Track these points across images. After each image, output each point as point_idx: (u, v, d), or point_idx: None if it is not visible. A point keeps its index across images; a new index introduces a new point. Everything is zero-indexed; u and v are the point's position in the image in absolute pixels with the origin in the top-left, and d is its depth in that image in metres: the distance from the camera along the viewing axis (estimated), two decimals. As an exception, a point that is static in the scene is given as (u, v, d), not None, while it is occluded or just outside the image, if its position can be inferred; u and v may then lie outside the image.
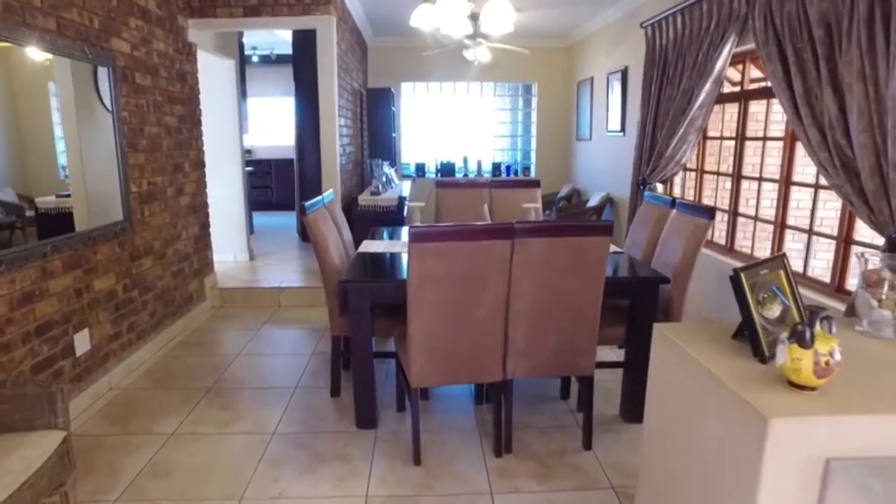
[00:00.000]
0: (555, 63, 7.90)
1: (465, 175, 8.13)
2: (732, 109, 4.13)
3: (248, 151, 9.64)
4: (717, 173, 4.33)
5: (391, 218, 4.80)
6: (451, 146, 8.22)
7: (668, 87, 4.50)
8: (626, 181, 5.73)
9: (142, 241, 3.50)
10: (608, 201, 6.16)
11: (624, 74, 5.72)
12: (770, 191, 3.70)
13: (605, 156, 6.46)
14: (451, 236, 2.12)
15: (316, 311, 4.50)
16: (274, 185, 9.41)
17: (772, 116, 3.70)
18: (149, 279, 3.59)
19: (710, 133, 4.46)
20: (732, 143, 4.07)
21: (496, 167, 8.17)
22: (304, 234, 6.69)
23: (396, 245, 3.28)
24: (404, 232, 3.90)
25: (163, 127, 3.77)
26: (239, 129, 5.42)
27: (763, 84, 3.83)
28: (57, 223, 2.72)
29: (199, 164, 4.44)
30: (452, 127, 8.15)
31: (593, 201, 6.31)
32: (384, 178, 4.99)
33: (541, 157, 8.17)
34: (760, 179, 3.79)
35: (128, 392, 3.14)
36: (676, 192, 5.09)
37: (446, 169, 8.04)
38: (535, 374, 2.44)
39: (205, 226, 4.56)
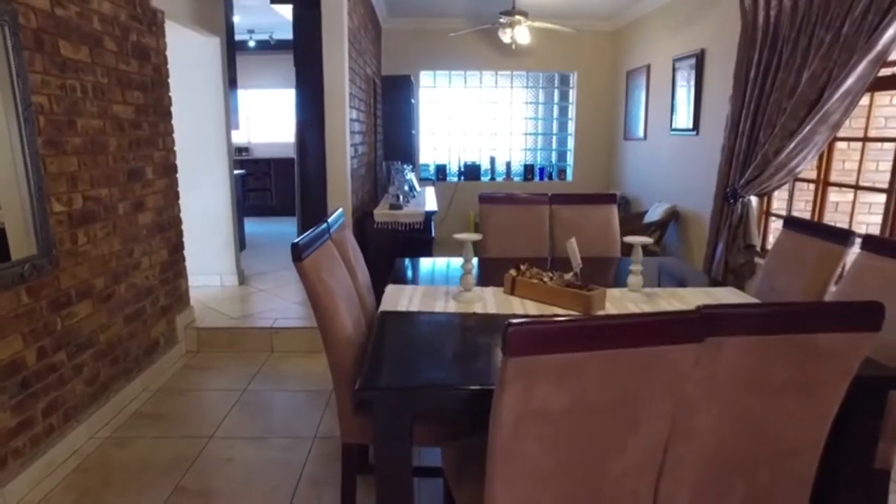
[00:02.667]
0: (598, 50, 6.83)
1: (493, 178, 7.07)
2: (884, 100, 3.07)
3: (245, 150, 8.62)
4: (857, 187, 3.26)
5: (416, 239, 3.76)
6: (475, 145, 7.16)
7: (782, 71, 3.43)
8: (699, 191, 4.67)
9: (72, 281, 2.46)
10: (673, 215, 5.09)
11: (699, 60, 4.65)
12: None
13: (667, 159, 5.39)
14: (587, 339, 1.07)
15: (318, 360, 3.46)
16: (273, 187, 8.38)
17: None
18: (84, 333, 2.56)
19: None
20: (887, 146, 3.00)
21: (528, 169, 7.11)
22: (307, 248, 5.65)
23: (438, 295, 2.23)
24: (448, 263, 2.85)
25: (110, 119, 2.74)
26: (226, 123, 4.39)
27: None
28: None
29: (169, 169, 3.41)
30: (478, 123, 7.09)
31: (653, 215, 5.24)
32: (406, 187, 3.95)
33: (580, 159, 7.10)
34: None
35: (38, 513, 2.12)
36: (777, 207, 4.03)
37: (470, 171, 6.99)
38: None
39: (176, 248, 3.52)
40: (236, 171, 4.97)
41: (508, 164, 7.13)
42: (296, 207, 5.82)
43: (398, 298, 2.18)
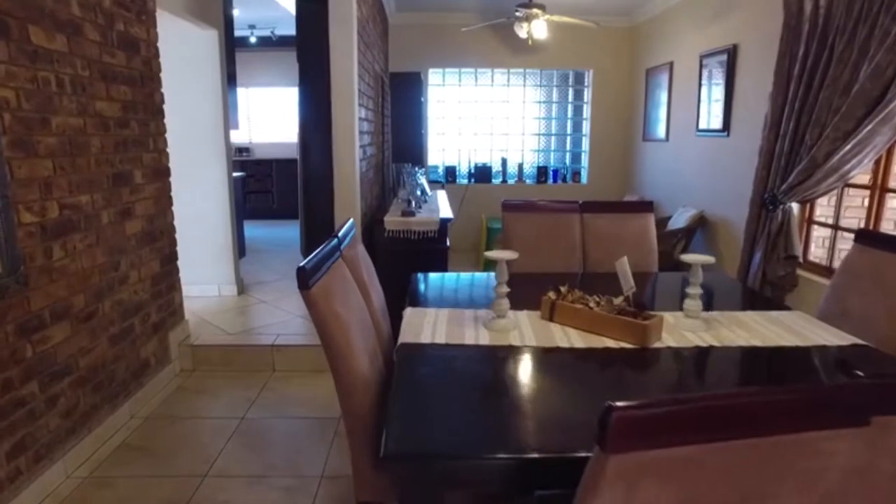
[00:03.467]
0: (615, 47, 6.52)
1: (504, 181, 6.77)
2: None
3: (246, 150, 8.33)
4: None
5: (430, 249, 3.46)
6: (486, 146, 6.85)
7: (834, 67, 3.12)
8: (729, 196, 4.37)
9: (46, 301, 2.16)
10: (700, 222, 4.78)
11: (731, 56, 4.34)
12: None
13: (692, 162, 5.08)
14: (713, 426, 0.76)
15: (323, 381, 3.16)
16: (275, 189, 8.08)
17: None
18: (61, 360, 2.26)
19: None
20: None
21: (541, 171, 6.80)
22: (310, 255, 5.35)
23: (466, 321, 1.93)
24: (472, 280, 2.55)
25: (92, 117, 2.44)
26: (224, 122, 4.09)
27: None
28: None
29: (160, 172, 3.10)
30: (489, 123, 6.78)
31: (678, 221, 4.93)
32: (419, 191, 3.64)
33: (595, 161, 6.79)
34: None
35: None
36: (819, 215, 3.72)
37: (481, 173, 6.68)
38: None
39: (169, 259, 3.22)
40: (236, 174, 4.68)
41: (520, 166, 6.82)
42: (299, 210, 5.53)
43: (420, 326, 1.88)
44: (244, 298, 4.28)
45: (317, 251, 1.57)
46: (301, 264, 1.43)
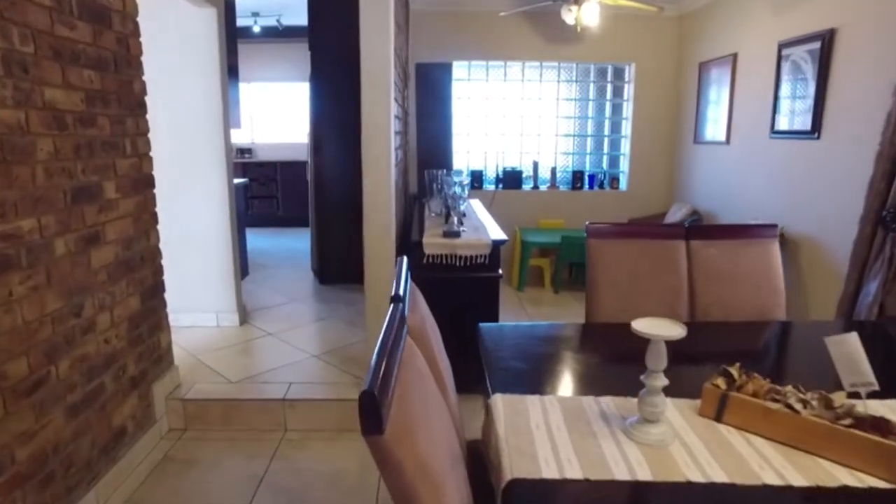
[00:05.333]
0: (661, 38, 5.84)
1: (535, 186, 6.08)
2: None
3: (248, 152, 7.66)
4: None
5: (480, 279, 2.78)
6: (514, 148, 6.17)
7: None
8: (819, 210, 3.68)
9: (-38, 378, 1.48)
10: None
11: (825, 43, 3.66)
12: None
13: (764, 168, 4.40)
14: None
15: (351, 447, 2.49)
16: (280, 194, 7.40)
17: None
18: (-13, 457, 1.58)
19: None
20: None
21: (576, 176, 6.12)
22: (322, 274, 4.68)
23: (595, 424, 1.25)
24: (561, 335, 1.86)
25: (39, 110, 1.76)
26: (224, 120, 3.41)
27: None
28: None
29: (141, 183, 2.42)
30: (518, 123, 6.10)
31: (750, 235, 4.23)
32: (461, 205, 2.96)
33: (636, 165, 6.10)
34: None
35: None
36: (954, 235, 3.03)
37: (510, 178, 5.99)
38: None
39: (152, 292, 2.54)
40: (237, 181, 4.00)
41: (553, 171, 6.14)
42: (309, 219, 4.85)
43: (528, 437, 1.19)
44: (247, 330, 3.60)
45: (379, 347, 0.89)
46: (366, 385, 0.74)
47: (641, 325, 1.18)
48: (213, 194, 3.46)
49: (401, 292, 1.21)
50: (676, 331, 1.15)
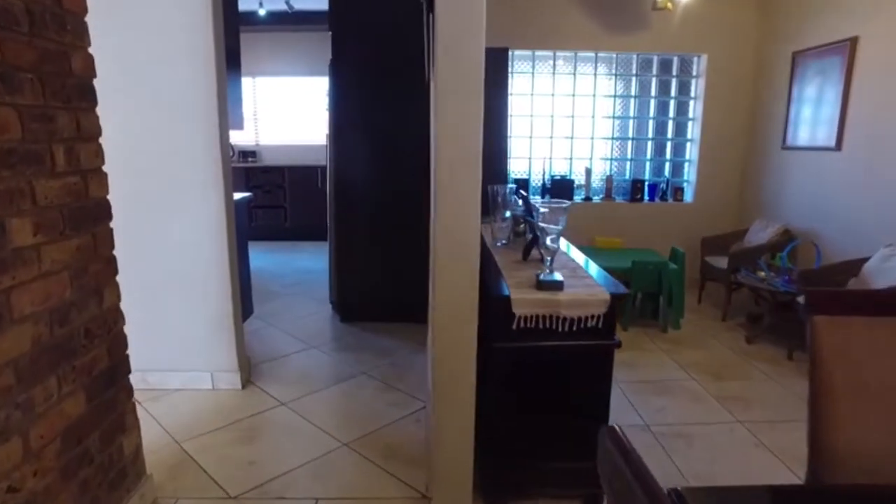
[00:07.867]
0: (738, 25, 4.95)
1: (588, 198, 5.20)
2: None
3: (252, 155, 6.80)
4: None
5: (590, 349, 1.91)
6: (562, 153, 5.29)
7: None
8: None
9: None
10: (931, 270, 3.19)
11: None
12: None
13: (892, 182, 3.51)
14: None
15: None
16: (288, 203, 6.53)
17: None
18: None
19: None
20: None
21: (636, 186, 5.23)
22: (344, 308, 3.80)
23: None
24: None
25: None
26: (220, 121, 2.53)
27: None
28: None
29: (86, 216, 1.55)
30: (567, 124, 5.21)
31: (887, 272, 3.34)
32: (548, 238, 2.05)
33: (705, 174, 5.21)
34: None
35: None
36: None
37: (560, 187, 5.10)
38: None
39: (109, 379, 1.66)
40: (239, 196, 3.13)
41: (609, 179, 5.25)
42: (328, 233, 3.96)
43: None
44: (252, 396, 2.72)
45: None
46: None
47: None
48: (206, 217, 2.59)
49: None
50: None
